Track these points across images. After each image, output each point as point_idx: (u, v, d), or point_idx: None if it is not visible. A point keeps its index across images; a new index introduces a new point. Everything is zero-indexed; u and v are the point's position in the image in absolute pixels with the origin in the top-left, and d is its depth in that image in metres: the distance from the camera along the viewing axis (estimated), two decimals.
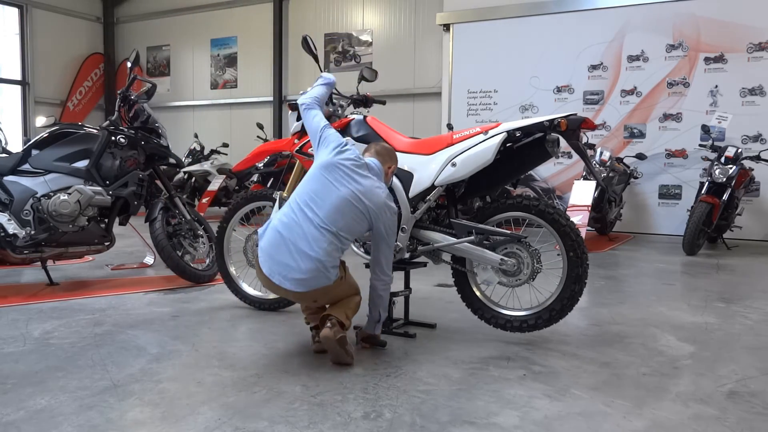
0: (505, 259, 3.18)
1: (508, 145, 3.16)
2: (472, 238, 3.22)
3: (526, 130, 3.13)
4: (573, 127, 3.07)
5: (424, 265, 3.60)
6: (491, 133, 3.15)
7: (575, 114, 3.12)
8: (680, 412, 2.43)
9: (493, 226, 3.30)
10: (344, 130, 3.52)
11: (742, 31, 8.11)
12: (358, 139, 3.44)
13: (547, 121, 3.07)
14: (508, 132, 3.12)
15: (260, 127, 10.29)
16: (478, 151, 3.15)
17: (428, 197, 3.30)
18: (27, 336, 3.35)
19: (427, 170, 3.28)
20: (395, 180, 3.35)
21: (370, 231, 3.00)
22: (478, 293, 3.39)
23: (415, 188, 3.31)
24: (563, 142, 3.23)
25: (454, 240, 3.28)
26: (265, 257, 2.88)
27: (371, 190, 2.93)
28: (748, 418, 2.38)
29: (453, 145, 3.25)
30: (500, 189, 3.39)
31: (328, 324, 2.83)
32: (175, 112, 14.09)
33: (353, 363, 2.92)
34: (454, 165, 3.20)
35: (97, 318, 3.75)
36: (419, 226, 3.37)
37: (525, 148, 3.20)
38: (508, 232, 3.22)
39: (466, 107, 9.91)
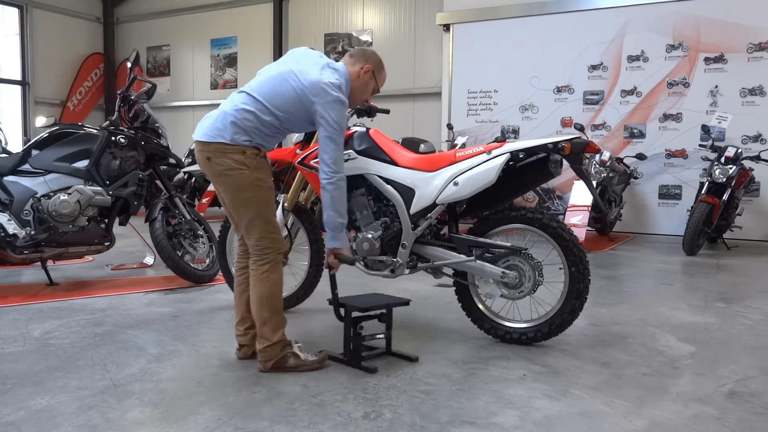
0: (507, 272, 3.17)
1: (510, 163, 3.15)
2: (473, 257, 3.21)
3: (530, 152, 3.12)
4: (577, 151, 3.06)
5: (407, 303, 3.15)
6: (494, 153, 3.14)
7: (579, 137, 3.12)
8: (680, 412, 2.43)
9: (497, 236, 3.29)
10: (347, 143, 3.44)
11: (742, 31, 8.10)
12: (360, 153, 3.39)
13: (551, 143, 3.07)
14: (511, 153, 3.12)
15: None
16: (480, 171, 3.13)
17: (429, 215, 3.29)
18: (27, 336, 3.35)
19: (428, 187, 3.26)
20: (396, 195, 3.32)
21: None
22: (479, 304, 3.37)
23: (417, 205, 3.29)
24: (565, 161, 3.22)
25: (453, 259, 3.27)
26: None
27: (310, 71, 2.81)
28: (748, 418, 2.38)
29: (455, 163, 3.22)
30: (502, 206, 3.37)
31: (259, 358, 2.84)
32: (175, 112, 14.08)
33: (322, 366, 2.85)
34: (456, 184, 3.18)
35: (97, 318, 3.75)
36: (419, 241, 3.35)
37: (527, 168, 3.19)
38: (509, 245, 3.20)
39: (466, 107, 9.91)
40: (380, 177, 3.36)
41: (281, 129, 2.87)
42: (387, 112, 3.87)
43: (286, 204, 3.73)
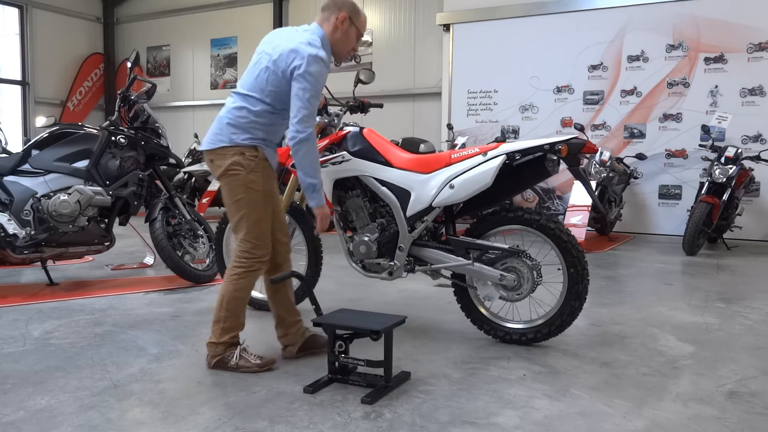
0: (505, 274, 3.16)
1: (506, 162, 3.12)
2: (470, 261, 3.20)
3: (526, 153, 3.11)
4: (574, 152, 3.05)
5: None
6: (490, 155, 3.12)
7: (576, 138, 3.10)
8: (680, 412, 2.43)
9: (494, 237, 3.28)
10: (340, 144, 3.43)
11: (742, 31, 8.10)
12: (354, 154, 3.37)
13: (547, 144, 3.05)
14: (507, 154, 3.10)
15: None
16: (476, 173, 3.11)
17: (426, 218, 3.27)
18: (27, 336, 3.35)
19: (424, 190, 3.24)
20: (392, 197, 3.31)
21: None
22: (478, 306, 3.36)
23: (413, 208, 3.28)
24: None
25: (451, 262, 3.26)
26: None
27: (282, 43, 2.80)
28: (748, 418, 2.38)
29: (451, 164, 3.21)
30: (499, 204, 3.35)
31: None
32: (175, 112, 14.08)
33: (265, 369, 2.83)
34: (452, 187, 3.16)
35: (97, 318, 3.76)
36: (417, 243, 3.34)
37: (524, 167, 3.17)
38: (506, 246, 3.19)
39: (466, 107, 9.90)
40: (375, 179, 3.34)
41: (276, 111, 2.84)
42: (380, 106, 3.85)
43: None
